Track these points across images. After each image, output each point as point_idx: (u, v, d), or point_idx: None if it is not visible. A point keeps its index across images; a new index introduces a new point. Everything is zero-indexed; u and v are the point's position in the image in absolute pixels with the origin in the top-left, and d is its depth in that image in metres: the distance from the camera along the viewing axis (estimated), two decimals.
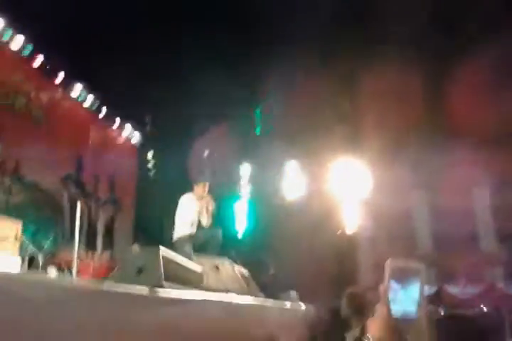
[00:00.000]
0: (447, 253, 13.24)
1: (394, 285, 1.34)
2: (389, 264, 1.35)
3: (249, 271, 9.20)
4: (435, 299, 8.80)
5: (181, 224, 6.34)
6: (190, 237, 6.17)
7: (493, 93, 11.33)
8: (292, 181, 15.21)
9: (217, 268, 6.99)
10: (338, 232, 13.48)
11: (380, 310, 1.29)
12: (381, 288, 1.31)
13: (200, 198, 6.54)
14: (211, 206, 6.59)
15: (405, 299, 1.34)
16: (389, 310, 1.30)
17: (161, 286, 4.16)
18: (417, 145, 12.66)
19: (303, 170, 14.74)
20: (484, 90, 11.24)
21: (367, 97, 12.57)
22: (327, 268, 13.24)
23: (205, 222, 6.45)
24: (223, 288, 6.55)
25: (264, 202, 15.17)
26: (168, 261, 4.82)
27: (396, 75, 11.29)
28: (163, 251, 4.85)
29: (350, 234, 13.67)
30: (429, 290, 8.87)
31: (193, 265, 5.86)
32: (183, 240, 6.12)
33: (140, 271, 4.59)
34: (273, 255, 13.97)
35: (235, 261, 9.46)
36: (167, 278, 4.49)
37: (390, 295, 1.33)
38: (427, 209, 13.47)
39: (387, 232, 13.12)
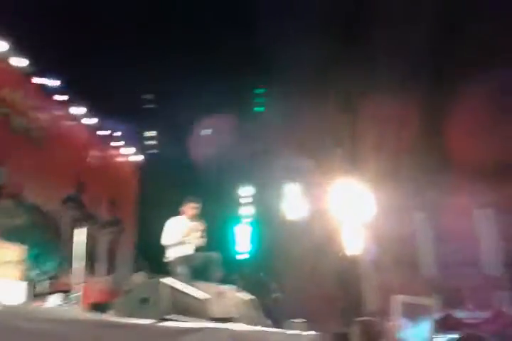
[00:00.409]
0: (452, 277, 13.09)
1: (404, 322, 1.27)
2: (399, 300, 1.28)
3: (252, 294, 9.10)
4: (442, 324, 8.65)
5: (172, 245, 6.19)
6: (186, 259, 6.04)
7: (495, 120, 11.38)
8: (293, 202, 15.15)
9: (221, 294, 6.91)
10: (340, 254, 13.34)
11: None
12: (390, 325, 1.23)
13: (190, 219, 6.41)
14: (202, 226, 6.49)
15: (416, 337, 1.27)
16: None
17: (167, 318, 4.10)
18: (418, 168, 12.63)
19: (304, 191, 14.69)
20: (486, 117, 11.30)
21: (367, 120, 12.62)
22: (330, 291, 13.08)
23: (198, 242, 6.33)
24: (228, 315, 6.45)
25: (265, 223, 15.10)
26: (171, 291, 4.75)
27: (397, 99, 11.36)
28: (167, 280, 4.79)
29: (353, 257, 13.54)
30: (436, 315, 8.74)
31: (197, 293, 5.77)
32: (177, 262, 5.99)
33: (144, 300, 4.52)
34: (276, 277, 13.83)
35: (238, 286, 9.38)
36: (171, 309, 4.42)
37: (400, 333, 1.26)
38: (431, 233, 13.36)
39: (391, 256, 12.97)
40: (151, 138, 13.76)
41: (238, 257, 15.49)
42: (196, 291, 6.02)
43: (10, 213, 9.65)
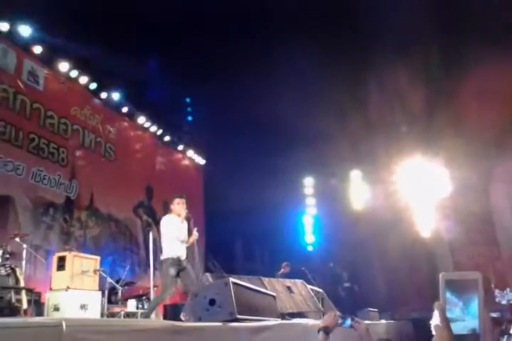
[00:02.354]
0: None
1: (451, 300, 1.26)
2: (442, 278, 1.27)
3: (323, 285, 9.12)
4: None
5: (169, 244, 6.11)
6: (177, 261, 5.98)
7: None
8: (359, 189, 14.93)
9: (289, 289, 6.99)
10: (412, 236, 13.00)
11: (439, 331, 1.21)
12: (437, 305, 1.23)
13: (179, 215, 6.26)
14: (188, 222, 6.32)
15: (465, 315, 1.26)
16: (449, 330, 1.22)
17: (235, 319, 4.22)
18: (495, 144, 11.92)
19: (370, 174, 14.39)
20: None
21: (441, 95, 12.05)
22: (403, 277, 12.83)
23: (189, 239, 6.21)
24: (298, 309, 6.53)
25: (331, 213, 15.00)
26: (239, 290, 4.86)
27: (476, 72, 10.77)
28: (234, 280, 4.90)
29: (426, 238, 13.17)
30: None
31: (265, 290, 5.88)
32: (170, 262, 5.95)
33: (213, 302, 4.66)
34: (346, 267, 13.76)
35: (307, 277, 9.42)
36: (240, 309, 4.53)
37: (448, 313, 1.25)
38: (509, 209, 12.70)
39: (468, 234, 12.49)
40: (213, 139, 14.00)
41: (305, 248, 15.53)
42: (264, 288, 6.14)
43: (85, 224, 10.25)
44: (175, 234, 6.07)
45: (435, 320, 1.25)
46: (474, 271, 1.29)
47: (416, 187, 13.20)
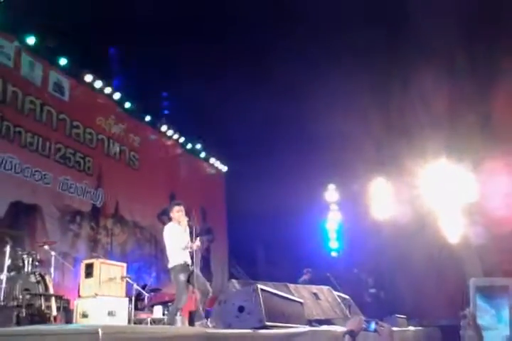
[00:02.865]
0: None
1: (482, 307, 1.25)
2: (473, 284, 1.25)
3: (348, 291, 9.04)
4: None
5: (174, 252, 6.10)
6: (185, 267, 5.99)
7: None
8: (381, 195, 14.77)
9: (315, 295, 6.96)
10: (438, 242, 12.78)
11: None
12: (467, 312, 1.22)
13: (179, 222, 6.24)
14: (192, 228, 6.29)
15: (497, 323, 1.24)
16: (480, 337, 1.21)
17: (265, 326, 4.22)
18: None
19: (393, 179, 14.21)
20: None
21: (467, 98, 11.87)
22: (430, 283, 12.63)
23: (193, 247, 6.12)
24: (325, 316, 6.50)
25: (355, 218, 14.88)
26: (267, 297, 4.87)
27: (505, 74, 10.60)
28: (262, 287, 4.91)
29: (454, 244, 12.94)
30: None
31: (292, 296, 5.87)
32: (177, 269, 5.97)
33: (241, 309, 4.68)
34: (370, 272, 13.62)
35: (332, 283, 9.36)
36: (269, 316, 4.54)
37: (479, 320, 1.24)
38: None
39: (497, 240, 12.23)
40: (235, 147, 14.07)
41: (331, 254, 15.44)
42: (291, 295, 6.12)
43: (111, 231, 10.38)
44: (178, 242, 6.09)
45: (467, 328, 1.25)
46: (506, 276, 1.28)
47: (441, 192, 12.99)
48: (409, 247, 12.41)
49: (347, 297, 7.63)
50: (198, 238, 6.23)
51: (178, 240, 6.09)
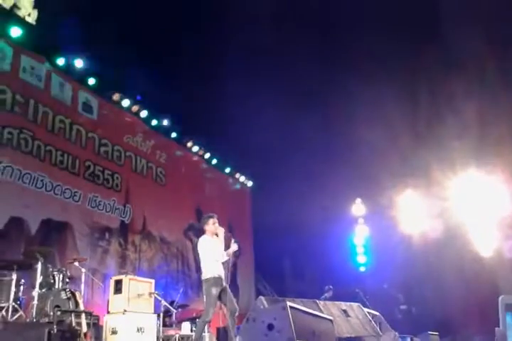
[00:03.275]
0: None
1: (511, 324, 1.20)
2: (502, 301, 1.21)
3: (378, 307, 8.87)
4: None
5: (209, 264, 6.05)
6: (219, 280, 5.95)
7: None
8: (410, 207, 14.53)
9: (345, 312, 6.86)
10: (471, 256, 12.46)
11: None
12: (497, 332, 1.17)
13: (213, 234, 6.24)
14: (226, 238, 6.26)
15: None
16: None
17: None
18: None
19: (422, 191, 13.95)
20: None
21: (496, 108, 11.66)
22: (461, 298, 12.30)
23: (224, 257, 6.13)
24: (355, 334, 6.39)
25: (383, 232, 14.68)
26: (297, 315, 4.83)
27: None
28: (291, 304, 4.87)
29: (487, 258, 12.61)
30: None
31: (322, 314, 5.80)
32: (211, 282, 5.92)
33: (271, 327, 4.64)
34: (400, 288, 13.37)
35: (361, 299, 9.20)
36: (299, 334, 4.49)
37: (508, 337, 1.19)
38: None
39: None
40: (261, 162, 14.11)
41: (358, 269, 15.23)
42: (320, 312, 6.05)
43: (139, 247, 10.47)
44: (213, 255, 6.08)
45: None
46: None
47: (472, 204, 12.71)
48: (440, 261, 12.16)
49: (377, 313, 7.48)
50: (233, 240, 6.27)
51: (213, 252, 6.10)
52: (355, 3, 11.19)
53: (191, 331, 8.21)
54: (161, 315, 7.70)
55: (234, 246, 6.21)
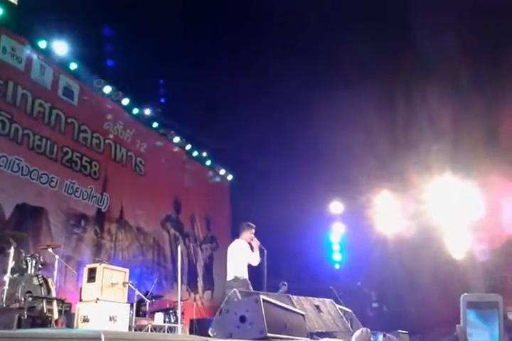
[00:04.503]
0: None
1: (475, 323, 1.23)
2: (464, 300, 1.24)
3: (351, 304, 8.94)
4: None
5: (240, 266, 6.55)
6: (246, 282, 6.30)
7: None
8: (387, 207, 14.70)
9: (317, 308, 6.88)
10: (444, 258, 12.68)
11: None
12: (458, 328, 1.20)
13: (250, 239, 6.82)
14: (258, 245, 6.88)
15: (488, 338, 1.23)
16: None
17: (266, 337, 4.17)
18: None
19: (398, 194, 14.16)
20: None
21: (472, 114, 11.85)
22: (433, 299, 12.51)
23: (255, 260, 6.70)
24: (326, 329, 6.42)
25: (359, 231, 14.81)
26: (270, 308, 4.82)
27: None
28: (265, 297, 4.86)
29: (458, 260, 12.84)
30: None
31: (294, 308, 5.81)
32: (239, 282, 6.21)
33: (243, 319, 4.63)
34: (375, 287, 13.50)
35: (334, 296, 9.28)
36: (270, 327, 4.48)
37: (473, 337, 1.22)
38: None
39: (503, 257, 12.12)
40: (242, 156, 14.09)
41: (333, 266, 15.32)
42: (293, 306, 6.06)
43: (115, 236, 10.37)
44: (247, 258, 6.65)
45: None
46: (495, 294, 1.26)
47: (447, 208, 12.93)
48: (414, 262, 12.32)
49: (349, 310, 7.52)
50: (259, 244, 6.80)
51: (247, 256, 6.65)
52: (335, 8, 11.24)
53: (164, 322, 8.20)
54: (135, 304, 7.68)
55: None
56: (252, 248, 6.80)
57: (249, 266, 7.04)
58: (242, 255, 6.59)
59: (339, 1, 11.02)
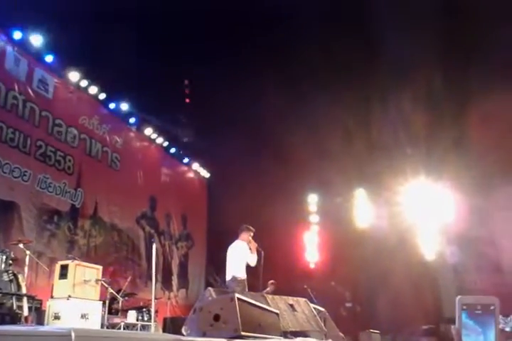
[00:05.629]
0: None
1: (468, 325, 1.22)
2: (459, 302, 1.23)
3: (325, 304, 9.00)
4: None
5: (239, 266, 6.78)
6: (244, 282, 6.43)
7: None
8: (362, 208, 14.86)
9: (292, 307, 6.89)
10: (415, 259, 12.89)
11: None
12: (453, 330, 1.19)
13: (248, 241, 7.03)
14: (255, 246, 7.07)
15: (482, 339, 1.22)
16: None
17: (240, 336, 4.15)
18: (498, 166, 11.85)
19: (374, 195, 14.33)
20: None
21: (444, 119, 12.06)
22: (406, 299, 12.67)
23: (253, 261, 6.88)
24: (300, 328, 6.43)
25: (335, 230, 14.91)
26: (244, 307, 4.79)
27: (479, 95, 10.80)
28: (239, 296, 4.84)
29: (430, 261, 13.05)
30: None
31: (269, 307, 5.80)
32: (238, 281, 6.35)
33: (217, 317, 4.59)
34: (347, 286, 13.60)
35: (309, 295, 9.31)
36: (244, 325, 4.46)
37: (466, 338, 1.21)
38: None
39: (472, 259, 12.35)
40: (219, 154, 14.04)
41: (308, 266, 15.37)
42: (268, 305, 6.05)
43: (88, 233, 10.20)
44: (245, 258, 6.86)
45: None
46: (479, 294, 1.26)
47: (420, 209, 13.14)
48: (388, 263, 12.46)
49: (323, 309, 7.56)
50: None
51: (246, 257, 6.85)
52: (310, 12, 11.30)
53: (137, 320, 8.11)
54: (107, 302, 7.56)
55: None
56: (250, 249, 7.00)
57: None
58: (241, 256, 6.78)
59: (313, 2, 11.05)
